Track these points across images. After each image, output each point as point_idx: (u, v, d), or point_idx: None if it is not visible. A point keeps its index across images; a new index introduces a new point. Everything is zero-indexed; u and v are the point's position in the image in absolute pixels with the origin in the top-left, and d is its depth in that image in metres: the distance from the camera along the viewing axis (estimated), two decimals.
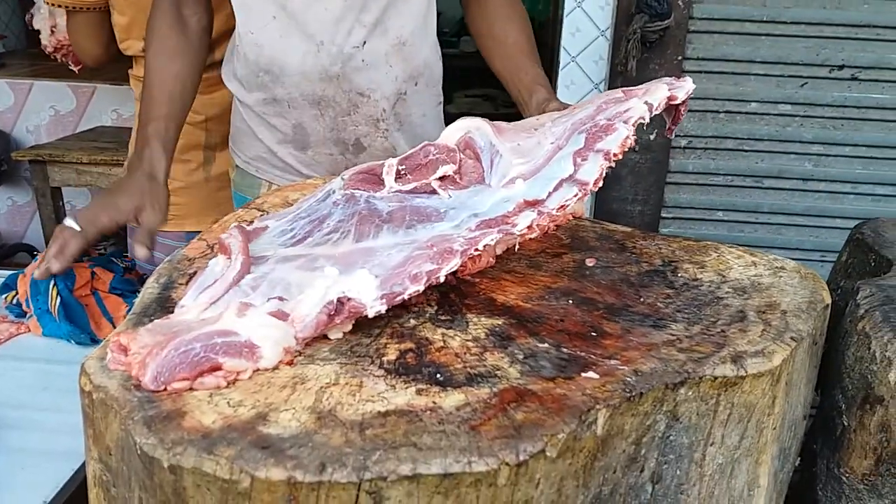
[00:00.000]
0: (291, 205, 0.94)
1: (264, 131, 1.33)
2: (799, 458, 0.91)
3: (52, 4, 1.56)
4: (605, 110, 0.82)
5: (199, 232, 1.57)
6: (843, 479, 0.86)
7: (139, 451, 0.56)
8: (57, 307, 1.09)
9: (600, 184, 0.77)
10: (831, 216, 2.01)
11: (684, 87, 0.84)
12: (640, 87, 0.85)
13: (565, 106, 1.20)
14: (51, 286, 1.11)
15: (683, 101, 0.85)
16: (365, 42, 1.22)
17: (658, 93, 0.83)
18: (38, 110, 2.92)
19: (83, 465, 0.86)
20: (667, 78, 0.87)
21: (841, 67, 1.89)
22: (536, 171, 0.79)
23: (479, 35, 1.38)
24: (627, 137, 0.78)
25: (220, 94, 1.53)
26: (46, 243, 2.67)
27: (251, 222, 0.91)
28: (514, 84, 1.30)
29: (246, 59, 1.27)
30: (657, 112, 0.83)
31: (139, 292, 0.80)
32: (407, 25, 1.25)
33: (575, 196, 0.77)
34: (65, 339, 1.12)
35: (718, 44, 1.90)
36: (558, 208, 0.76)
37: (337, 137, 1.29)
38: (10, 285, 1.19)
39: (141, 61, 1.57)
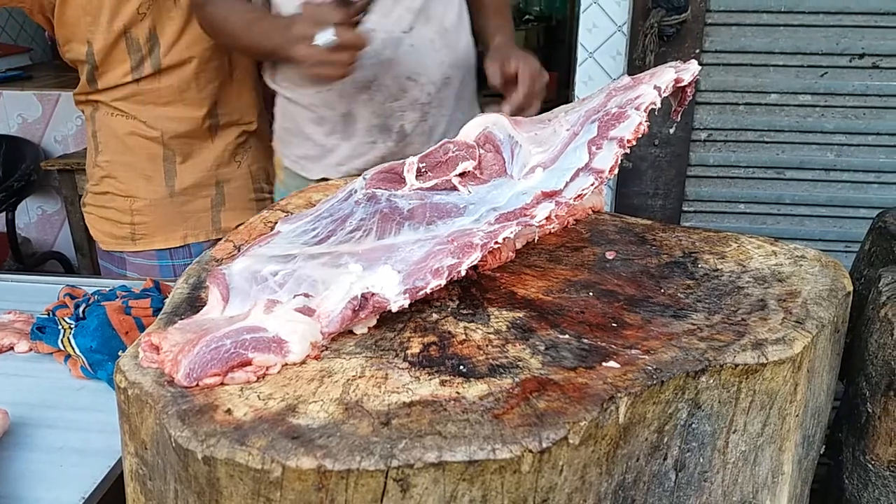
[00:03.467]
0: (314, 205, 0.96)
1: (313, 127, 1.39)
2: (825, 447, 0.91)
3: None
4: (616, 97, 0.83)
5: (169, 250, 1.59)
6: (869, 466, 0.86)
7: (174, 444, 0.58)
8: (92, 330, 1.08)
9: (616, 171, 0.78)
10: (854, 206, 1.99)
11: (690, 69, 0.85)
12: (646, 73, 0.86)
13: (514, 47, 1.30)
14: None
15: (690, 83, 0.85)
16: (412, 28, 1.30)
17: (665, 76, 0.84)
18: (66, 120, 2.98)
19: (119, 462, 0.88)
20: (673, 62, 0.88)
21: (861, 56, 1.87)
22: (555, 158, 0.81)
23: None
24: (640, 124, 0.79)
25: (172, 108, 1.53)
26: (76, 251, 2.74)
27: (275, 223, 0.93)
28: (483, 35, 1.43)
29: None
30: (665, 95, 0.84)
31: None
32: (448, 13, 1.34)
33: (591, 185, 0.78)
34: (104, 380, 1.06)
35: (736, 36, 1.89)
36: (575, 198, 0.77)
37: (383, 123, 1.35)
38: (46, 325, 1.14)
39: (104, 74, 1.52)
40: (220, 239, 1.22)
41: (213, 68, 1.54)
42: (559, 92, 3.69)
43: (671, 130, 1.94)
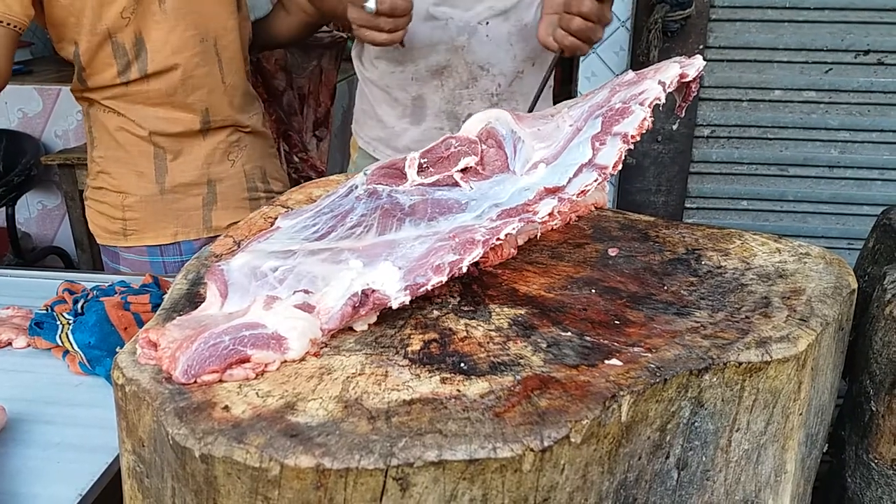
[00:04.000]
0: (315, 200, 0.95)
1: (385, 108, 1.45)
2: (827, 446, 0.90)
3: None
4: (619, 93, 0.82)
5: (159, 247, 1.58)
6: (873, 465, 0.85)
7: (171, 442, 0.58)
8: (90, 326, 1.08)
9: (619, 167, 0.78)
10: (858, 203, 1.98)
11: (695, 65, 0.84)
12: (650, 68, 0.85)
13: None
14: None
15: (694, 79, 0.85)
16: (488, 22, 1.33)
17: (669, 71, 0.83)
18: (66, 115, 2.98)
19: (117, 458, 0.88)
20: (677, 57, 0.87)
21: (866, 52, 1.86)
22: (558, 154, 0.80)
23: None
24: (645, 119, 0.78)
25: (162, 110, 1.52)
26: (76, 246, 2.74)
27: (275, 218, 0.92)
28: None
29: None
30: (669, 91, 0.83)
31: None
32: (529, 11, 1.36)
33: (595, 181, 0.77)
34: (102, 376, 1.06)
35: (741, 31, 1.88)
36: (579, 194, 0.77)
37: (451, 111, 1.40)
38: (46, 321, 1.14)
39: (91, 76, 1.50)
40: (211, 237, 1.20)
41: (202, 74, 1.53)
42: (562, 87, 3.68)
43: (674, 127, 1.93)
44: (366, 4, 1.14)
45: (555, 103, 0.99)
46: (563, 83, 3.71)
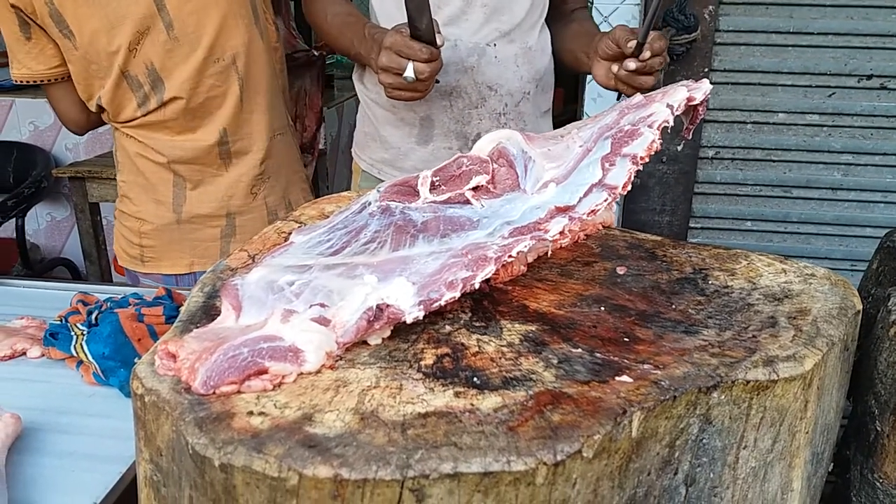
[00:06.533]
0: (328, 216, 0.97)
1: (390, 130, 1.46)
2: (833, 465, 0.91)
3: (24, 82, 1.51)
4: (628, 115, 0.84)
5: (175, 276, 1.57)
6: (878, 484, 0.86)
7: (191, 451, 0.59)
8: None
9: (629, 188, 0.79)
10: (861, 225, 2.00)
11: (702, 88, 0.86)
12: (658, 91, 0.87)
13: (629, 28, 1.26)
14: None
15: (701, 102, 0.86)
16: (496, 43, 1.37)
17: (677, 95, 0.84)
18: None
19: (131, 468, 0.89)
20: (685, 80, 0.89)
21: (869, 77, 1.89)
22: (568, 174, 0.82)
23: (557, 37, 1.50)
24: (654, 141, 0.80)
25: (180, 136, 1.51)
26: (84, 258, 2.76)
27: (289, 234, 0.94)
28: (580, 43, 1.40)
29: None
30: (677, 113, 0.85)
31: None
32: (531, 35, 1.41)
33: (605, 201, 0.78)
34: (115, 386, 1.07)
35: (745, 55, 1.91)
36: (589, 213, 0.78)
37: (460, 130, 1.41)
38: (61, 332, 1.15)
39: (116, 115, 1.52)
40: None
41: (219, 94, 1.50)
42: (566, 107, 3.72)
43: (679, 148, 1.95)
44: (406, 76, 1.17)
45: (557, 126, 1.01)
46: (568, 102, 3.74)
